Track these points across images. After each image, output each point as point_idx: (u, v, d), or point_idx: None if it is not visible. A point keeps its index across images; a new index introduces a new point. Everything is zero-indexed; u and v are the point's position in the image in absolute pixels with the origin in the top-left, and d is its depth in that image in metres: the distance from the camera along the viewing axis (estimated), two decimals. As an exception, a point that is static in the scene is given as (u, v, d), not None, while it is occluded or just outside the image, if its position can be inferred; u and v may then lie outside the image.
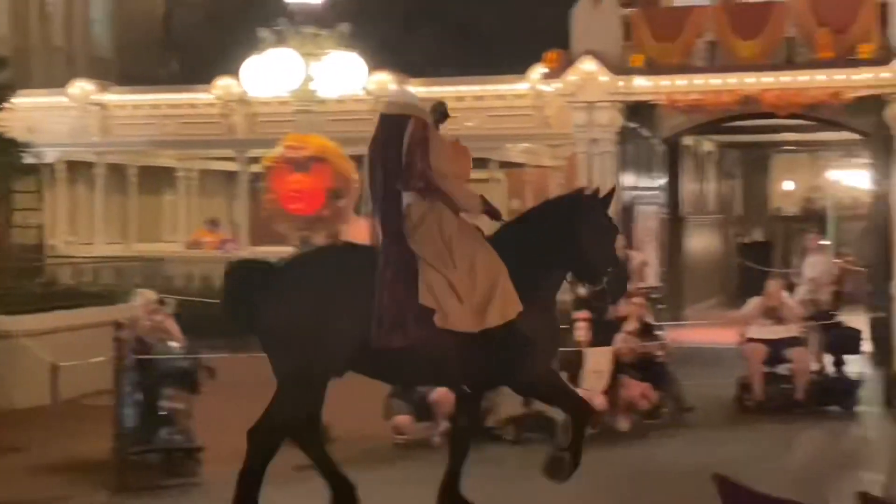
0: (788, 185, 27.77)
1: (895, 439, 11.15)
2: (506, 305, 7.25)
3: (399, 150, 7.32)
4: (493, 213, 7.64)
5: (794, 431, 11.52)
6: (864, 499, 3.05)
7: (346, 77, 10.72)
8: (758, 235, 26.21)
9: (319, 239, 14.79)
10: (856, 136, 17.85)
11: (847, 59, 16.27)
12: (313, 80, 10.71)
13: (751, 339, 12.73)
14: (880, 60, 16.03)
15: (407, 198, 7.33)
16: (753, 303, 13.03)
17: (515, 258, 7.35)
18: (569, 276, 7.81)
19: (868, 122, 16.63)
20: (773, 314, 12.76)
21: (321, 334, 7.11)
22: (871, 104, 16.33)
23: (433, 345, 7.15)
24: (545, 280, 7.60)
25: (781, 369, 12.68)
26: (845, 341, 13.32)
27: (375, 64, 17.79)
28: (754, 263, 21.60)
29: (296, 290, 7.24)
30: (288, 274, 7.44)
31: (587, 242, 7.58)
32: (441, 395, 10.76)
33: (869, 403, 12.79)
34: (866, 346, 13.77)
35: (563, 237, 7.55)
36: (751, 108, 16.93)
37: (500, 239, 7.57)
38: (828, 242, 23.78)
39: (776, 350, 12.56)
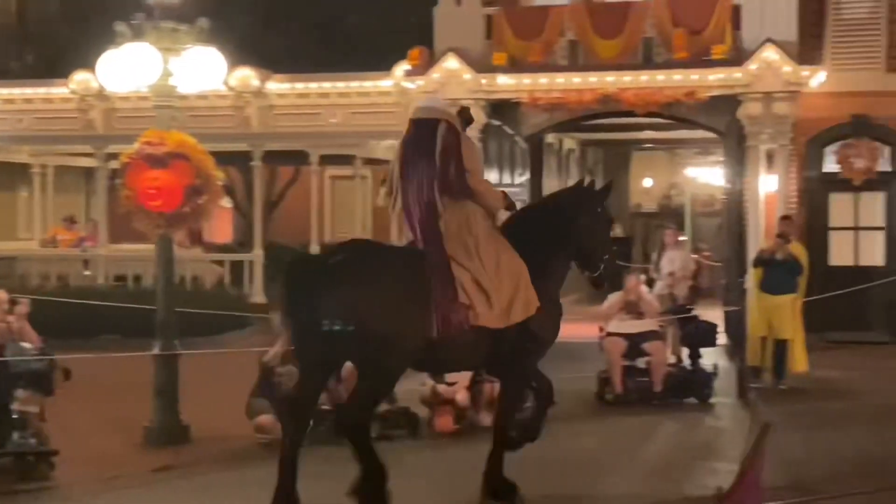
0: (648, 182, 28.40)
1: (748, 429, 11.48)
2: (527, 303, 7.82)
3: (433, 154, 7.75)
4: (512, 208, 8.24)
5: (651, 423, 11.78)
6: (721, 493, 3.15)
7: (205, 72, 10.56)
8: (618, 231, 26.65)
9: (179, 236, 14.59)
10: (711, 135, 18.32)
11: (702, 60, 16.70)
12: (172, 75, 10.51)
13: (610, 334, 12.97)
14: (733, 61, 16.49)
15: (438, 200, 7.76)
16: (613, 298, 13.28)
17: (527, 249, 7.87)
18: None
19: (722, 120, 17.09)
20: (633, 309, 13.04)
21: (402, 327, 7.40)
22: (725, 103, 16.78)
23: (467, 338, 7.65)
24: (553, 269, 8.16)
25: (640, 363, 12.95)
26: (702, 334, 13.67)
27: (237, 60, 17.59)
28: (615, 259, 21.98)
29: (375, 284, 7.42)
30: (362, 268, 7.54)
31: (588, 232, 8.25)
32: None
33: (723, 395, 13.16)
34: (721, 338, 14.14)
35: (568, 227, 8.16)
36: (611, 107, 17.24)
37: (511, 230, 8.05)
38: (685, 238, 24.42)
39: (635, 344, 12.83)
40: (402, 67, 18.45)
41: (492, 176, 17.81)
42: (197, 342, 13.13)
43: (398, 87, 18.93)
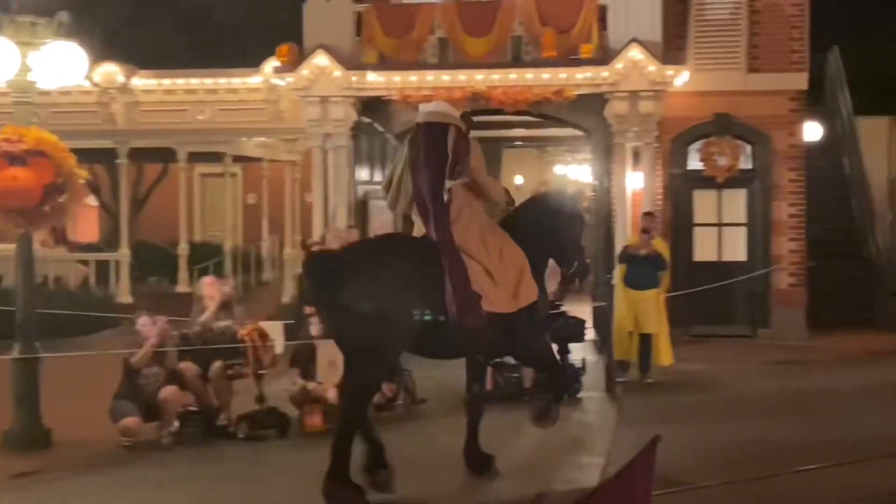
0: (519, 180, 28.65)
1: (614, 423, 11.68)
2: (530, 289, 8.67)
3: (444, 155, 8.54)
4: (512, 204, 9.18)
5: (521, 419, 11.86)
6: (540, 499, 3.17)
7: (65, 67, 10.29)
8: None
9: (41, 236, 14.20)
10: (580, 133, 18.57)
11: (569, 59, 16.90)
12: (31, 70, 10.23)
13: (480, 330, 13.02)
14: (600, 60, 16.73)
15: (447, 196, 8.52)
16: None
17: (519, 245, 8.74)
18: None
19: (590, 119, 17.33)
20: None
21: (401, 315, 8.16)
22: (593, 102, 17.02)
23: (480, 323, 8.33)
24: (541, 264, 8.98)
25: (510, 358, 13.01)
26: (570, 330, 13.82)
27: (101, 55, 17.21)
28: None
29: (380, 278, 8.16)
30: (372, 263, 8.28)
31: (566, 232, 9.21)
32: (169, 393, 10.55)
33: (591, 389, 13.35)
34: (590, 334, 14.34)
35: (550, 228, 9.06)
36: (480, 105, 17.33)
37: (506, 228, 8.86)
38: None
39: (504, 340, 12.90)
40: (271, 64, 18.28)
41: (362, 173, 17.82)
42: (60, 344, 12.82)
43: (267, 83, 18.76)
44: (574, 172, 26.33)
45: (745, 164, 18.13)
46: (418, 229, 8.83)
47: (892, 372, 14.77)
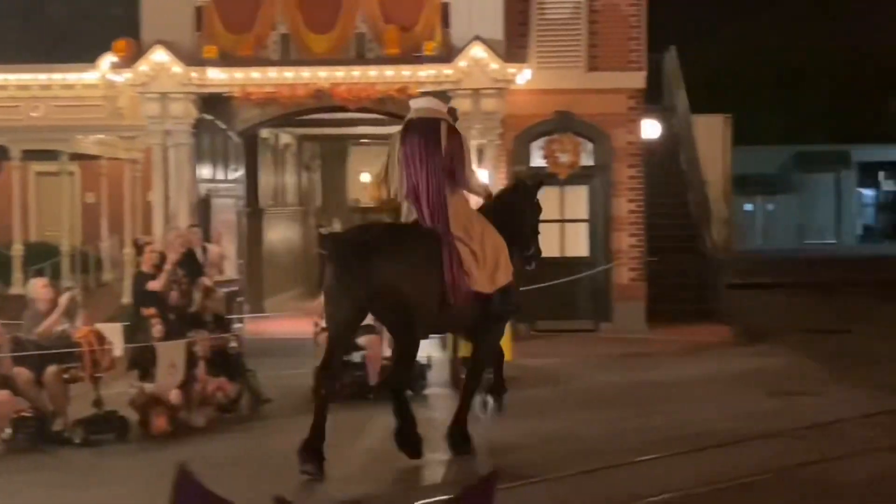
0: (365, 177, 28.54)
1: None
2: (506, 272, 9.65)
3: (438, 149, 9.42)
4: (490, 197, 10.16)
5: (366, 417, 11.83)
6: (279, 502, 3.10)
7: None
8: (337, 226, 26.75)
9: None
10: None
11: (413, 56, 16.90)
12: None
13: (325, 329, 12.91)
14: (443, 58, 16.78)
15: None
16: (328, 293, 13.24)
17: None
18: None
19: (434, 116, 17.34)
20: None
21: (425, 296, 9.19)
22: (437, 99, 17.01)
23: (466, 301, 9.41)
24: (511, 248, 9.84)
25: (356, 356, 12.97)
26: (415, 327, 13.86)
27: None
28: (333, 254, 22.00)
29: (387, 264, 9.11)
30: (369, 249, 9.17)
31: (528, 218, 10.35)
32: (0, 399, 10.17)
33: (437, 386, 13.39)
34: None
35: (517, 215, 10.14)
36: (324, 102, 17.21)
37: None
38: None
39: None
40: (107, 59, 17.77)
41: (204, 171, 17.50)
42: None
43: (104, 79, 18.23)
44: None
45: (587, 160, 18.43)
46: (405, 215, 9.68)
47: (728, 363, 15.22)
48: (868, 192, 51.52)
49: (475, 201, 10.16)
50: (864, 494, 8.66)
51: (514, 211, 10.17)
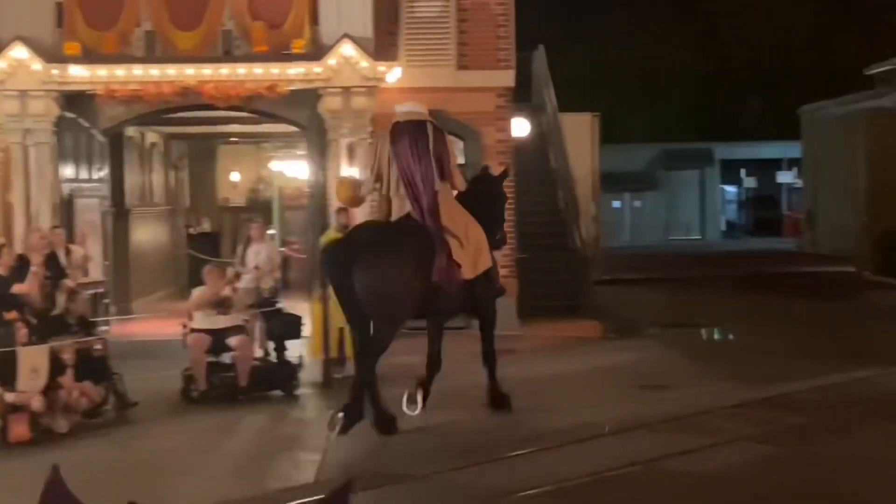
0: (235, 176, 28.22)
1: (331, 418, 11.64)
2: (487, 257, 11.00)
3: (427, 149, 10.63)
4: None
5: (237, 418, 11.69)
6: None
7: None
8: (206, 226, 26.40)
9: None
10: (295, 128, 18.42)
11: (282, 54, 16.75)
12: None
13: (194, 330, 12.74)
14: (312, 56, 16.66)
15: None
16: (197, 293, 13.05)
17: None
18: None
19: (304, 114, 17.22)
20: (217, 304, 12.85)
21: (409, 289, 10.43)
22: (306, 97, 16.92)
23: (455, 288, 10.74)
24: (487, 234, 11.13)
25: (226, 357, 12.80)
26: (287, 327, 13.75)
27: None
28: (203, 254, 21.71)
29: (388, 258, 10.38)
30: (373, 245, 10.43)
31: (497, 206, 11.68)
32: None
33: (309, 386, 13.29)
34: (307, 330, 14.25)
35: (489, 203, 11.46)
36: (191, 100, 16.93)
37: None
38: (274, 231, 24.51)
39: (219, 339, 12.66)
40: (-36, 56, 17.18)
41: (67, 171, 17.07)
42: None
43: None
44: (291, 168, 26.13)
45: (458, 159, 18.44)
46: (397, 210, 10.80)
47: (598, 357, 15.42)
48: (731, 189, 52.89)
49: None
50: (725, 484, 8.86)
51: (485, 200, 11.45)
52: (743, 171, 51.52)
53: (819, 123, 36.55)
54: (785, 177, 49.53)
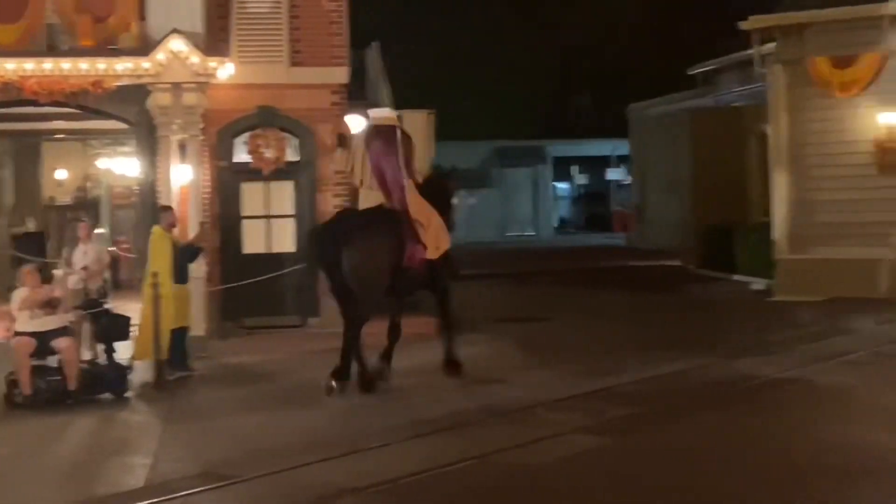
0: (61, 174, 27.39)
1: (163, 421, 11.44)
2: (446, 240, 13.02)
3: (396, 150, 12.69)
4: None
5: (64, 423, 11.37)
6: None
7: None
8: (31, 226, 25.53)
9: None
10: (123, 125, 17.99)
11: (108, 48, 16.34)
12: None
13: (18, 333, 12.32)
14: (140, 51, 16.30)
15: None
16: (19, 295, 12.61)
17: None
18: None
19: (132, 110, 16.82)
20: (41, 305, 12.45)
21: (388, 267, 12.38)
22: (135, 93, 16.52)
23: (421, 267, 12.74)
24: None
25: (52, 361, 12.43)
26: (115, 328, 13.45)
27: None
28: (27, 254, 20.98)
29: (372, 240, 12.28)
30: (356, 229, 12.32)
31: (449, 197, 13.51)
32: None
33: (140, 388, 13.03)
34: (136, 331, 13.94)
35: (442, 195, 13.28)
36: (12, 95, 16.37)
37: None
38: (102, 231, 23.87)
39: (45, 342, 12.27)
40: None
41: None
42: None
43: None
44: (120, 166, 25.50)
45: (292, 156, 18.36)
46: (370, 200, 12.78)
47: (434, 353, 15.45)
48: (562, 186, 53.94)
49: None
50: (557, 475, 9.04)
51: (440, 192, 13.23)
52: (574, 169, 52.61)
53: (646, 122, 37.59)
54: (614, 174, 50.79)
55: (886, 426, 10.42)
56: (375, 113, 13.39)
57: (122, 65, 16.30)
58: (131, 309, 14.52)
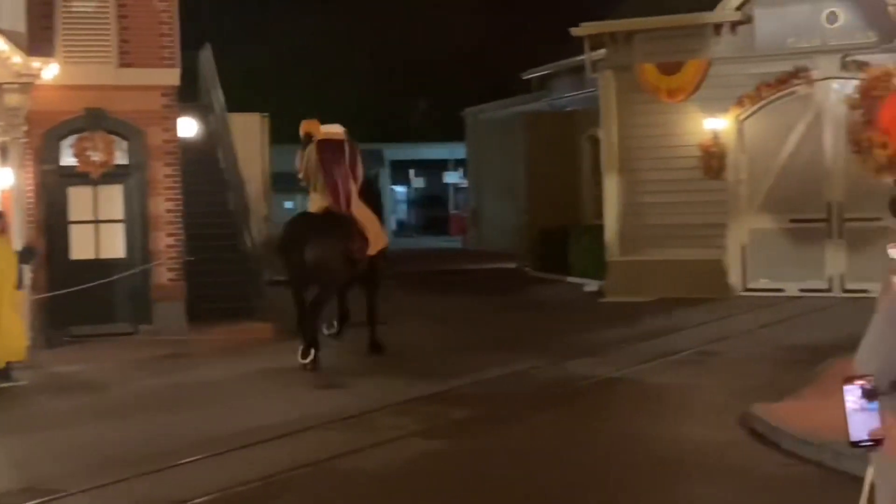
0: None
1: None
2: (382, 239, 15.42)
3: (344, 161, 14.84)
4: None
5: None
6: None
7: None
8: None
9: None
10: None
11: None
12: None
13: None
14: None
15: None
16: None
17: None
18: None
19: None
20: None
21: (343, 261, 14.54)
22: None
23: (364, 261, 14.94)
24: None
25: None
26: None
27: None
28: None
29: (334, 238, 14.48)
30: (318, 228, 14.53)
31: (380, 201, 16.29)
32: None
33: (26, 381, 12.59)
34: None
35: (376, 199, 15.93)
36: None
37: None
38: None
39: None
40: None
41: None
42: None
43: None
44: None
45: (121, 159, 17.88)
46: (316, 204, 14.93)
47: (270, 359, 15.36)
48: (400, 189, 54.13)
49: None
50: (394, 479, 9.03)
51: (373, 197, 15.74)
52: (412, 172, 52.83)
53: (482, 126, 38.00)
54: (451, 177, 51.22)
55: (710, 423, 10.74)
56: (326, 128, 15.21)
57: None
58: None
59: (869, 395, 2.85)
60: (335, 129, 15.16)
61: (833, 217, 20.15)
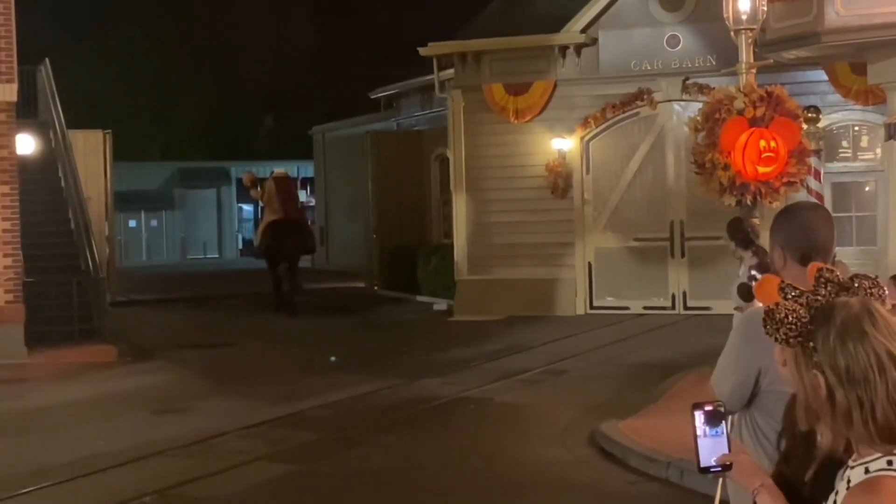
0: None
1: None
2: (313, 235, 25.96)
3: (294, 191, 25.75)
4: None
5: None
6: None
7: None
8: None
9: None
10: None
11: None
12: None
13: None
14: None
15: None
16: None
17: None
18: None
19: None
20: None
21: (309, 249, 25.62)
22: None
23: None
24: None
25: None
26: None
27: None
28: None
29: (309, 233, 25.43)
30: (301, 229, 24.20)
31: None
32: None
33: None
34: None
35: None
36: None
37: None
38: None
39: None
40: None
41: None
42: None
43: None
44: None
45: None
46: (270, 217, 23.22)
47: (112, 383, 14.96)
48: (247, 208, 53.44)
49: None
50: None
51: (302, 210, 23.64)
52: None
53: (329, 144, 37.83)
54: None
55: (558, 441, 10.84)
56: (277, 171, 24.50)
57: None
58: None
59: (716, 420, 2.88)
60: (283, 171, 24.88)
61: (675, 236, 20.68)
